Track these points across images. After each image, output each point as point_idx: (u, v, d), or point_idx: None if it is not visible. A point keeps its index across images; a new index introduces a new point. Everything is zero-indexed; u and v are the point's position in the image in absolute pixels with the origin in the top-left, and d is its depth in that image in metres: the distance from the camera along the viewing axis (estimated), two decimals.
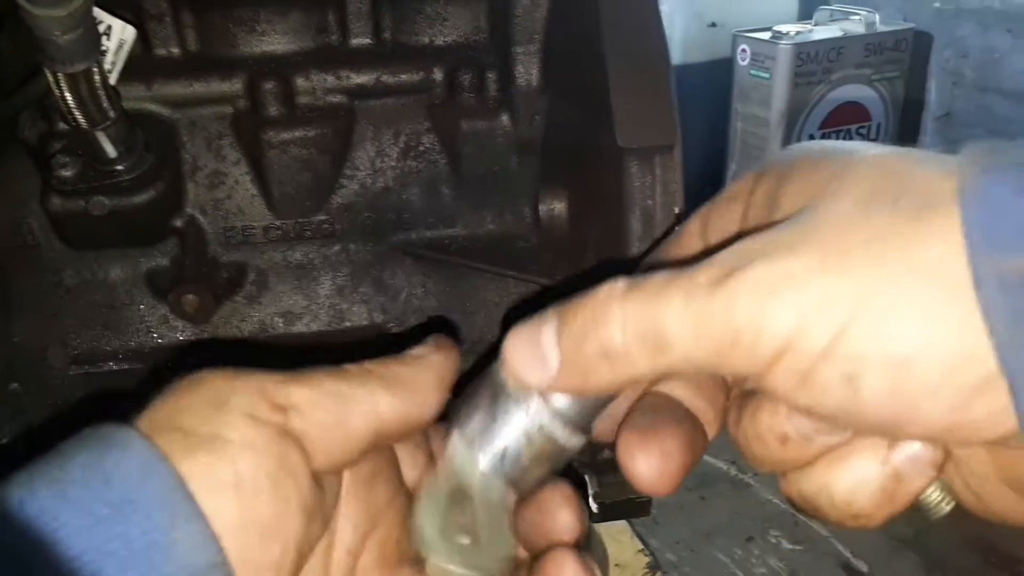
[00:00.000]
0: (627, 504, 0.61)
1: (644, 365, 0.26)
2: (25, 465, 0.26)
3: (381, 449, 0.32)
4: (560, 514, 0.32)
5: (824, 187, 0.26)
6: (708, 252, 0.27)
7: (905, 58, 2.06)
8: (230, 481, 0.27)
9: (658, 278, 0.26)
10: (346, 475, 0.31)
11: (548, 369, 0.28)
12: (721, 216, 0.31)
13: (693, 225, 0.32)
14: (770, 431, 0.28)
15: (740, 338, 0.24)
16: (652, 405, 0.31)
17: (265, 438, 0.27)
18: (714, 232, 0.31)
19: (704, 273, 0.25)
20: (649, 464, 0.29)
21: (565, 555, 0.31)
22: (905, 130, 2.18)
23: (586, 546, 0.33)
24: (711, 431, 0.32)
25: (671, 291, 0.25)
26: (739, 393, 0.31)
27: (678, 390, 0.31)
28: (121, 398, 0.29)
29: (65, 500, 0.25)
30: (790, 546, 1.19)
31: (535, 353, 0.28)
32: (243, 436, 0.27)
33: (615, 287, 0.27)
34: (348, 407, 0.29)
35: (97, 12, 0.52)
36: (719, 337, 0.25)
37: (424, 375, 0.32)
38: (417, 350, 0.33)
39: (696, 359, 0.25)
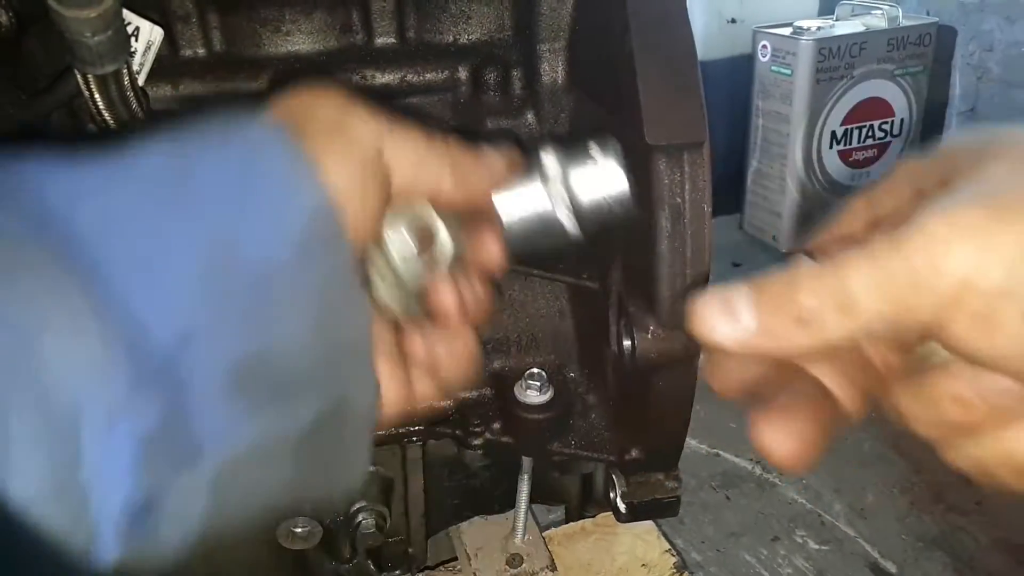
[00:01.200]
0: (654, 504, 0.61)
1: (835, 326, 0.28)
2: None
3: None
4: (487, 246, 0.40)
5: (987, 163, 0.28)
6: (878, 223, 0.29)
7: (928, 53, 2.04)
8: (355, 159, 0.34)
9: (844, 251, 0.28)
10: None
11: (737, 327, 0.29)
12: (890, 194, 0.33)
13: (858, 204, 0.34)
14: (948, 395, 0.28)
15: (919, 281, 0.26)
16: (790, 382, 0.33)
17: (376, 142, 0.35)
18: (883, 209, 0.33)
19: (882, 235, 0.27)
20: (777, 443, 0.31)
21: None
22: (929, 125, 2.16)
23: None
24: (854, 411, 0.32)
25: (855, 256, 0.27)
26: (906, 366, 0.32)
27: (818, 369, 0.32)
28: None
29: (196, 154, 0.31)
30: (816, 546, 1.18)
31: (727, 310, 0.29)
32: (361, 135, 0.34)
33: (808, 263, 0.29)
34: (420, 172, 0.37)
35: (125, 14, 0.53)
36: (900, 284, 0.26)
37: (482, 184, 0.39)
38: (491, 152, 0.40)
39: (881, 312, 0.27)
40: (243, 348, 0.30)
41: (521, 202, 0.41)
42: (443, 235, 0.38)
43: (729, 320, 0.29)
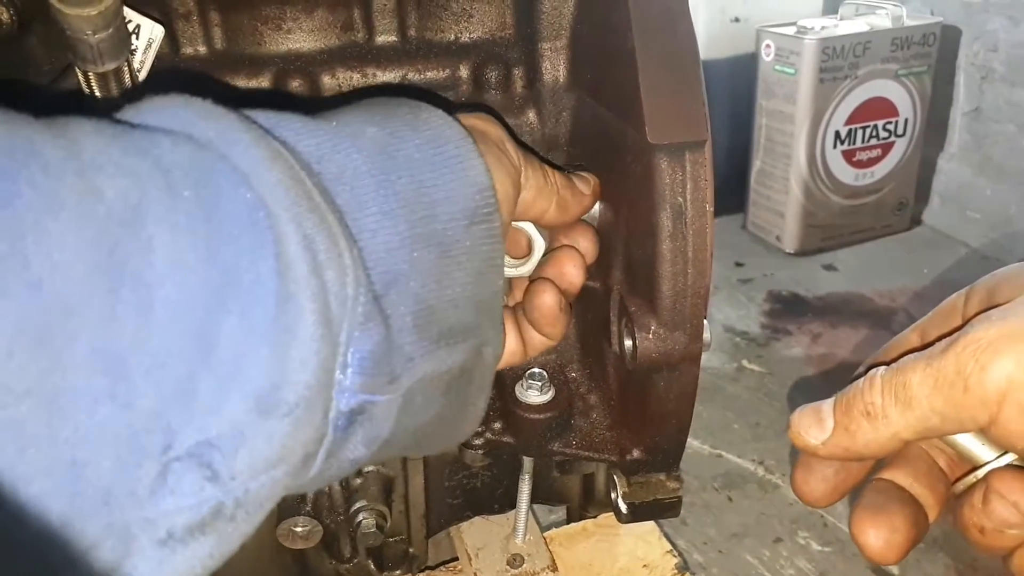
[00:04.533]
0: (656, 504, 0.60)
1: (897, 420, 0.33)
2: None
3: None
4: (580, 242, 0.52)
5: None
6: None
7: (933, 52, 2.04)
8: (508, 174, 0.43)
9: (908, 357, 0.34)
10: None
11: (824, 431, 0.36)
12: (939, 328, 0.37)
13: (912, 336, 0.39)
14: (992, 520, 0.34)
15: (969, 383, 0.30)
16: (879, 488, 0.39)
17: (518, 168, 0.44)
18: (931, 337, 0.38)
19: (939, 344, 0.32)
20: (879, 537, 0.36)
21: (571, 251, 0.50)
22: (933, 126, 2.15)
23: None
24: (931, 515, 0.38)
25: (916, 360, 0.33)
26: (963, 490, 0.37)
27: (901, 478, 0.39)
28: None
29: (400, 132, 0.37)
30: (819, 547, 1.18)
31: (816, 420, 0.36)
32: (511, 158, 0.43)
33: (878, 369, 0.35)
34: (537, 199, 0.46)
35: (126, 11, 0.52)
36: (952, 384, 0.31)
37: (576, 213, 0.51)
38: (583, 183, 0.52)
39: (935, 407, 0.32)
40: (426, 295, 0.36)
41: None
42: (537, 238, 0.49)
43: (818, 426, 0.36)
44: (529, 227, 0.49)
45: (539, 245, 0.50)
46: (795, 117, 1.99)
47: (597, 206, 0.57)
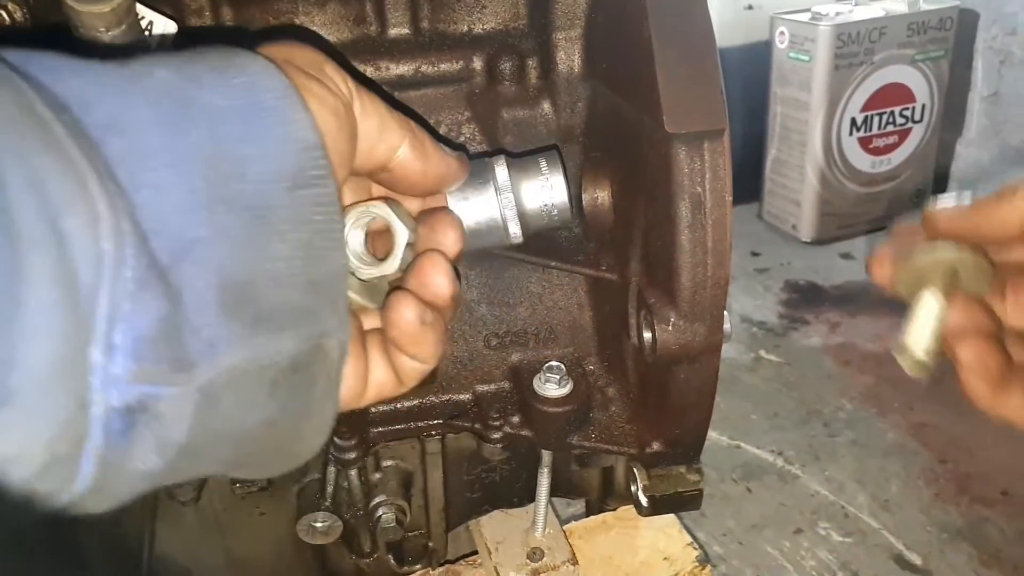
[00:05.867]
0: (677, 497, 0.60)
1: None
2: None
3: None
4: (448, 233, 0.42)
5: None
6: None
7: (950, 37, 2.01)
8: (331, 107, 0.35)
9: None
10: None
11: (960, 206, 0.41)
12: (991, 202, 0.40)
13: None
14: None
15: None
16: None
17: (348, 98, 0.36)
18: None
19: None
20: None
21: (437, 255, 0.40)
22: (951, 111, 2.12)
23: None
24: None
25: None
26: None
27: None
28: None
29: (201, 76, 0.31)
30: (840, 538, 1.17)
31: (955, 199, 0.41)
32: (337, 86, 0.36)
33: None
34: (383, 133, 0.38)
35: (139, 8, 0.52)
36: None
37: (440, 164, 0.41)
38: (448, 150, 0.42)
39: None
40: (236, 268, 0.30)
41: (473, 206, 0.46)
42: (397, 226, 0.40)
43: (955, 205, 0.40)
44: (387, 212, 0.41)
45: (401, 235, 0.40)
46: (810, 105, 1.97)
47: (607, 198, 0.56)
